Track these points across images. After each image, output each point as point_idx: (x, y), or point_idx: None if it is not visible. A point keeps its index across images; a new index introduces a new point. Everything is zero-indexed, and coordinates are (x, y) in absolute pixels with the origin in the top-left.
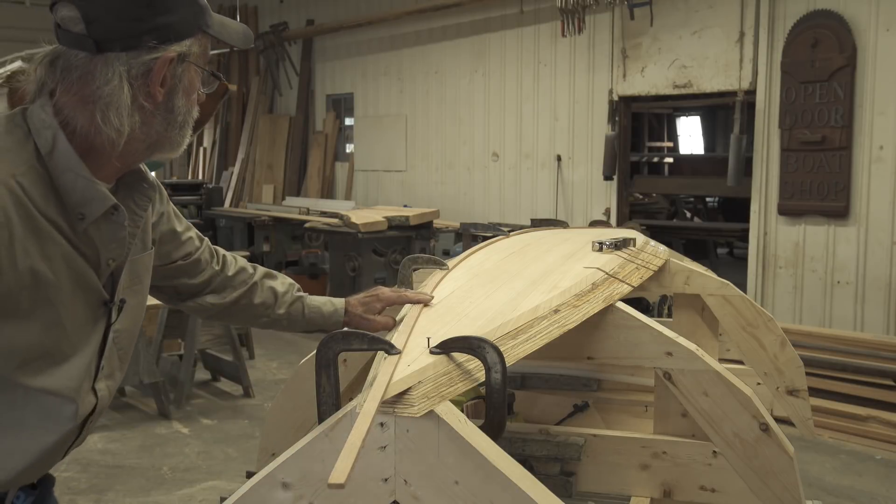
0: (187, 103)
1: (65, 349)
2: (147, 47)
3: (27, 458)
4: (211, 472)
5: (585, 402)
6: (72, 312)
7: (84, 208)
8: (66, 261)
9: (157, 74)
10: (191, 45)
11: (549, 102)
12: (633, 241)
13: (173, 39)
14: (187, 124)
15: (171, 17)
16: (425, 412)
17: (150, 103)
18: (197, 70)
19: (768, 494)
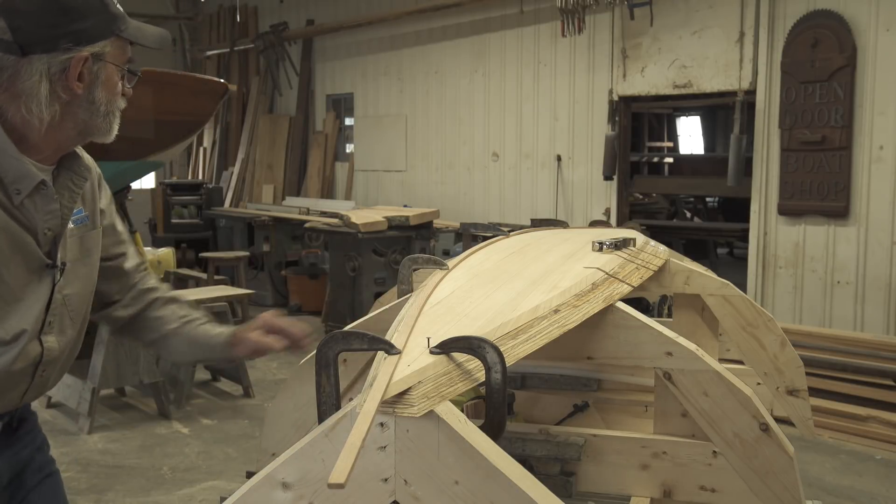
0: (108, 95)
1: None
2: (63, 49)
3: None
4: (211, 472)
5: (585, 402)
6: (13, 271)
7: (18, 185)
8: (3, 229)
9: (73, 71)
10: (104, 47)
11: (549, 102)
12: (633, 241)
13: (86, 42)
14: (112, 114)
15: (85, 24)
16: (425, 412)
17: (69, 95)
18: (115, 68)
19: (768, 494)
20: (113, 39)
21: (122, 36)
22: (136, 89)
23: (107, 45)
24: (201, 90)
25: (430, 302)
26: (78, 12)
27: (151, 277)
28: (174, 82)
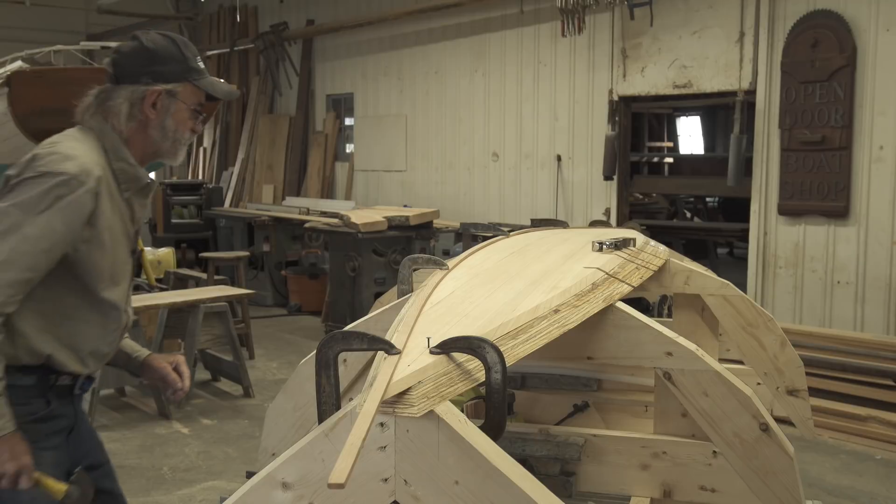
0: (176, 125)
1: (118, 277)
2: (143, 83)
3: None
4: (211, 472)
5: (585, 402)
6: (121, 254)
7: (128, 184)
8: (121, 219)
9: (148, 100)
10: (177, 87)
11: (549, 102)
12: (633, 241)
13: (162, 81)
14: (178, 141)
15: (163, 68)
16: (425, 412)
17: (143, 117)
18: (184, 105)
19: (768, 494)
20: (186, 84)
21: (195, 84)
22: None
23: (179, 87)
24: None
25: (430, 302)
26: (161, 59)
27: None
28: None
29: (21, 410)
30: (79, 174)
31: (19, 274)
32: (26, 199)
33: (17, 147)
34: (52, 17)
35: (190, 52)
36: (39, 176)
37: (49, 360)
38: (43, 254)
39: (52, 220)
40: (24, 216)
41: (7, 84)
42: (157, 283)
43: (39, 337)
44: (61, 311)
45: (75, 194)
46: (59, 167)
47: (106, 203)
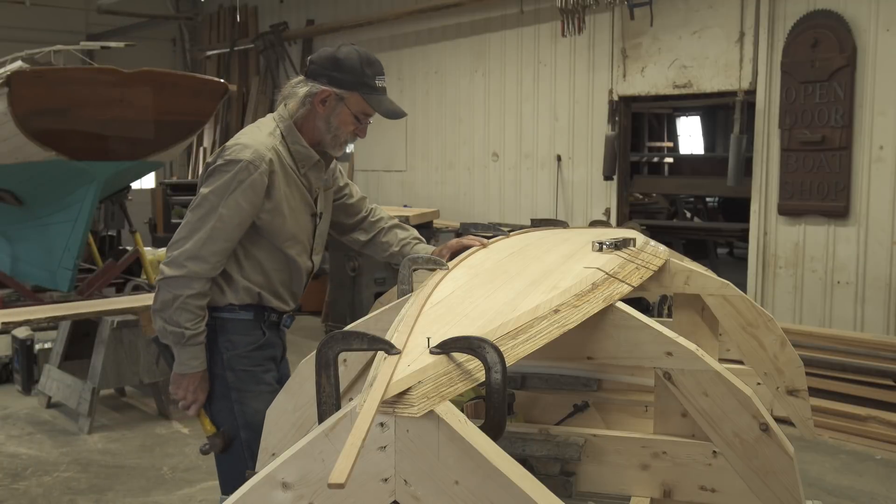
0: (338, 124)
1: (299, 236)
2: (322, 82)
3: (291, 286)
4: (211, 472)
5: (585, 402)
6: (302, 217)
7: (304, 162)
8: (298, 190)
9: (319, 96)
10: (346, 94)
11: (549, 102)
12: (633, 241)
13: (336, 86)
14: (338, 138)
15: (340, 75)
16: (425, 412)
17: (311, 107)
18: (349, 111)
19: (768, 494)
20: (356, 94)
21: (364, 96)
22: (136, 89)
23: (349, 95)
24: (201, 90)
25: (430, 302)
26: (340, 67)
27: (380, 211)
28: (174, 82)
29: (245, 340)
30: (254, 160)
31: (220, 245)
32: (219, 186)
33: (17, 147)
34: (52, 17)
35: (371, 70)
36: (226, 164)
37: (260, 299)
38: (236, 227)
39: (238, 200)
40: (219, 199)
41: (7, 84)
42: None
43: (252, 281)
44: (261, 263)
45: (252, 177)
46: (238, 156)
47: (280, 179)
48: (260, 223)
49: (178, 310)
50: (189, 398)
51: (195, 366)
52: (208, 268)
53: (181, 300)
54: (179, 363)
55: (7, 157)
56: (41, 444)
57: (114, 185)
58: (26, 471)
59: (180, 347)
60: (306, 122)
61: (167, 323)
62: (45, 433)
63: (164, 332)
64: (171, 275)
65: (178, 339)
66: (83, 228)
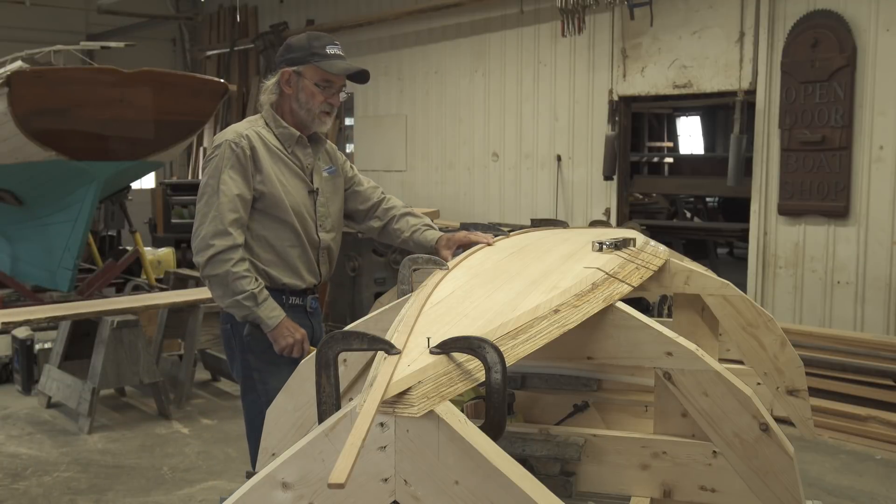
0: (307, 98)
1: (300, 209)
2: (280, 67)
3: (306, 261)
4: (211, 472)
5: (585, 402)
6: (299, 191)
7: (287, 140)
8: (288, 167)
9: (283, 79)
10: (302, 68)
11: (549, 102)
12: (633, 241)
13: (292, 64)
14: (311, 111)
15: (293, 55)
16: (425, 412)
17: (280, 91)
18: (310, 83)
19: (768, 494)
20: (310, 65)
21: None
22: (136, 89)
23: (304, 69)
24: (201, 90)
25: (430, 302)
26: (293, 48)
27: (393, 200)
28: (174, 82)
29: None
30: (234, 139)
31: (231, 216)
32: (212, 169)
33: (17, 147)
34: (52, 17)
35: (318, 42)
36: (214, 148)
37: (269, 279)
38: (236, 198)
39: (230, 174)
40: (216, 180)
41: (7, 84)
42: (157, 283)
43: (262, 261)
44: (270, 241)
45: (235, 152)
46: (221, 138)
47: (264, 154)
48: (258, 196)
49: (234, 282)
50: (296, 339)
51: (278, 314)
52: (232, 238)
53: (229, 274)
54: (266, 320)
55: (7, 157)
56: (41, 444)
57: (114, 185)
58: (26, 471)
59: (259, 308)
60: (282, 106)
61: (237, 296)
62: (45, 433)
63: (241, 307)
64: (206, 257)
65: (253, 300)
66: (83, 228)
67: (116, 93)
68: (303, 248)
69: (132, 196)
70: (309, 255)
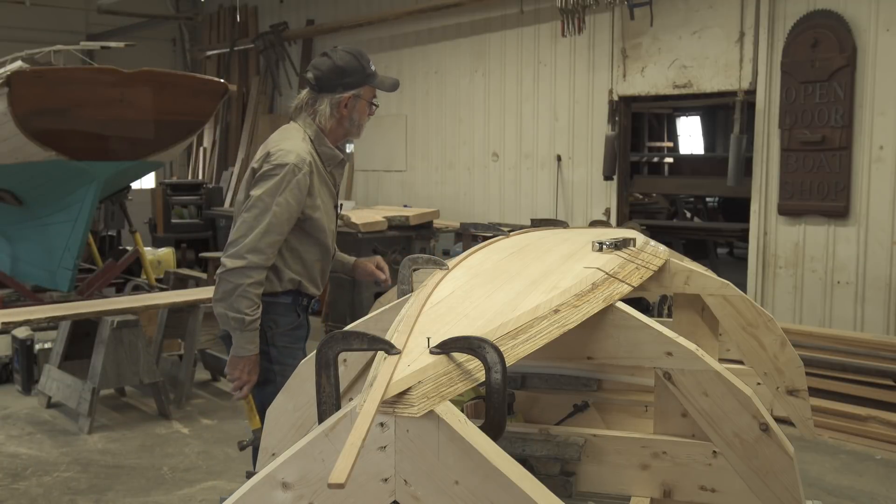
0: (359, 116)
1: (330, 226)
2: (338, 91)
3: (323, 272)
4: (211, 472)
5: (585, 402)
6: (330, 211)
7: (329, 161)
8: (326, 186)
9: (342, 104)
10: (360, 91)
11: (549, 102)
12: (633, 241)
13: (351, 88)
14: (360, 126)
15: (350, 79)
16: (425, 412)
17: (339, 115)
18: (365, 102)
19: (768, 494)
20: (365, 87)
21: (372, 85)
22: (136, 89)
23: (362, 90)
24: (201, 90)
25: (430, 302)
26: (346, 73)
27: None
28: (174, 82)
29: (285, 320)
30: (298, 163)
31: (274, 238)
32: (270, 187)
33: (17, 147)
34: (52, 17)
35: (365, 62)
36: (273, 168)
37: (299, 286)
38: (286, 222)
39: (287, 198)
40: (271, 199)
41: (7, 84)
42: (157, 283)
43: (293, 271)
44: (301, 255)
45: (297, 177)
46: (284, 160)
47: (316, 178)
48: (303, 218)
49: (239, 297)
50: (244, 378)
51: (251, 349)
52: (264, 258)
53: (242, 288)
54: (237, 347)
55: (7, 157)
56: (41, 444)
57: (114, 185)
58: (26, 471)
59: (240, 332)
60: (335, 128)
61: (229, 310)
62: (45, 433)
63: (225, 319)
64: (233, 266)
65: (239, 324)
66: (83, 228)
67: (116, 93)
68: (324, 261)
69: (132, 196)
70: (326, 266)
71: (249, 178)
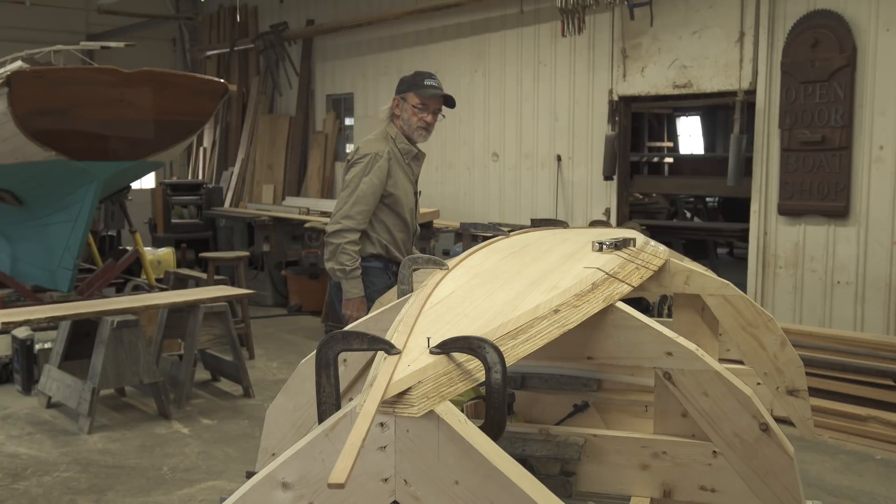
0: (408, 117)
1: (409, 206)
2: (396, 96)
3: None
4: (211, 472)
5: (585, 402)
6: (409, 194)
7: (407, 154)
8: (405, 174)
9: (394, 104)
10: (406, 95)
11: (549, 102)
12: (633, 241)
13: (398, 93)
14: (412, 125)
15: (401, 87)
16: (425, 412)
17: (393, 115)
18: (411, 106)
19: (768, 494)
20: (410, 93)
21: (414, 92)
22: (136, 89)
23: (407, 95)
24: (201, 90)
25: (430, 302)
26: (402, 82)
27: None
28: (174, 82)
29: (379, 281)
30: (378, 152)
31: (361, 207)
32: (358, 170)
33: (17, 147)
34: (52, 17)
35: (418, 77)
36: (361, 157)
37: (386, 251)
38: (371, 195)
39: (372, 178)
40: (359, 179)
41: (7, 84)
42: (157, 283)
43: (383, 238)
44: (388, 227)
45: (378, 163)
46: (367, 150)
47: (395, 166)
48: (386, 194)
49: (340, 253)
50: (354, 315)
51: (356, 292)
52: (355, 223)
53: (341, 246)
54: (346, 291)
55: (7, 157)
56: (41, 444)
57: (114, 185)
58: (26, 471)
59: (345, 280)
60: (401, 127)
61: (335, 264)
62: (45, 433)
63: (333, 273)
64: (332, 230)
65: (343, 273)
66: (83, 228)
67: (116, 93)
68: (406, 233)
69: (132, 196)
70: (407, 238)
71: (346, 167)
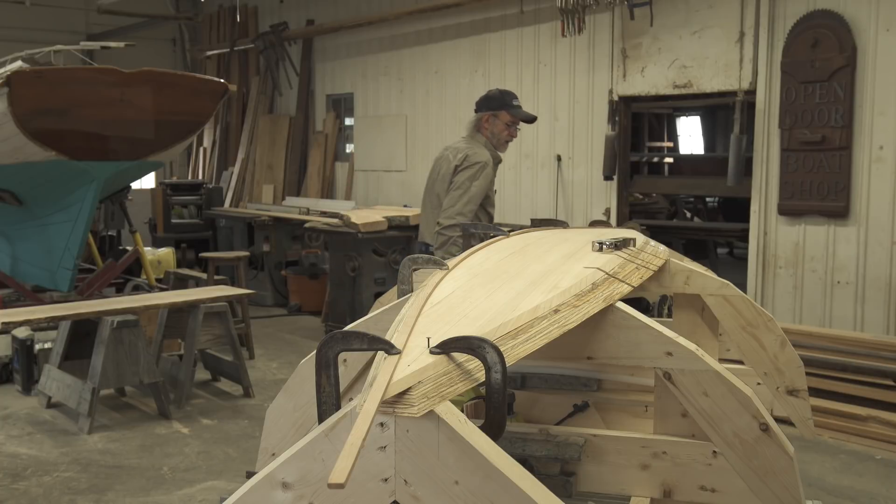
0: (497, 132)
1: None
2: (485, 111)
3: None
4: (211, 472)
5: (585, 402)
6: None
7: (496, 159)
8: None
9: (486, 119)
10: (499, 112)
11: (549, 102)
12: (633, 241)
13: (490, 110)
14: (500, 140)
15: (493, 104)
16: (425, 412)
17: (481, 128)
18: (502, 123)
19: (768, 494)
20: (504, 111)
21: (507, 111)
22: (136, 89)
23: (500, 113)
24: (201, 90)
25: (430, 302)
26: (494, 101)
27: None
28: (174, 82)
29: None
30: (487, 161)
31: (471, 206)
32: (469, 174)
33: (17, 147)
34: (52, 17)
35: (507, 97)
36: (472, 164)
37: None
38: (478, 197)
39: (481, 183)
40: (470, 182)
41: (7, 84)
42: (157, 283)
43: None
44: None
45: (486, 170)
46: (479, 159)
47: (493, 171)
48: (486, 196)
49: (451, 245)
50: None
51: None
52: (465, 219)
53: (453, 239)
54: None
55: (7, 157)
56: (41, 444)
57: (114, 185)
58: (26, 471)
59: None
60: (489, 137)
61: (445, 255)
62: (45, 433)
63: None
64: (447, 224)
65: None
66: (83, 228)
67: (116, 93)
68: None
69: (132, 196)
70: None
71: (447, 173)
